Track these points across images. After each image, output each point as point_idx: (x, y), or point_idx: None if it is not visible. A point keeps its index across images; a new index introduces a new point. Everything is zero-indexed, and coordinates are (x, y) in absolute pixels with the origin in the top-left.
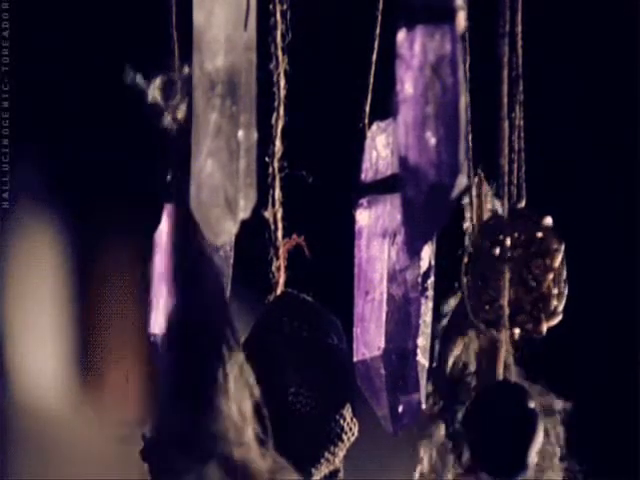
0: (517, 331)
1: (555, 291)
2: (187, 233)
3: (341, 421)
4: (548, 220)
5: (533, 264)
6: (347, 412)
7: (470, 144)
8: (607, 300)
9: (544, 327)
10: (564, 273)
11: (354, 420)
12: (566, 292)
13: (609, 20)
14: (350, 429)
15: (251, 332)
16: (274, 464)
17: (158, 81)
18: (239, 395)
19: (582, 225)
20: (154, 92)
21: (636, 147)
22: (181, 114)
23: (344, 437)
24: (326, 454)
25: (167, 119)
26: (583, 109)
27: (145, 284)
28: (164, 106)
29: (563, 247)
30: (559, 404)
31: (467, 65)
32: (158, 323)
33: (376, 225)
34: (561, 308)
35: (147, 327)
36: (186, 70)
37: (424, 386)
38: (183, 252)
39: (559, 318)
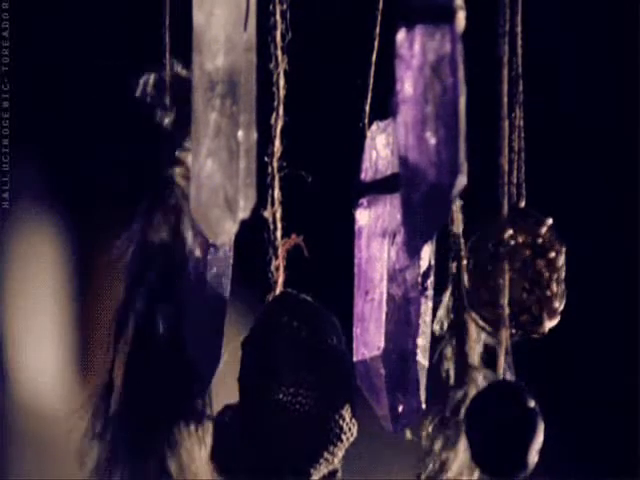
0: (519, 331)
1: (556, 291)
2: (182, 233)
3: (340, 421)
4: (549, 221)
5: (534, 264)
6: (346, 412)
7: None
8: (608, 300)
9: (546, 327)
10: (564, 273)
11: (353, 420)
12: (566, 292)
13: (609, 20)
14: (349, 429)
15: (250, 332)
16: None
17: (151, 79)
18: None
19: (582, 225)
20: (148, 90)
21: (637, 147)
22: (174, 113)
23: (343, 437)
24: (325, 454)
25: (162, 118)
26: (583, 109)
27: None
28: (158, 105)
29: (564, 247)
30: None
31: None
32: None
33: (376, 225)
34: (562, 308)
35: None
36: (179, 69)
37: (424, 386)
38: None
39: (559, 318)
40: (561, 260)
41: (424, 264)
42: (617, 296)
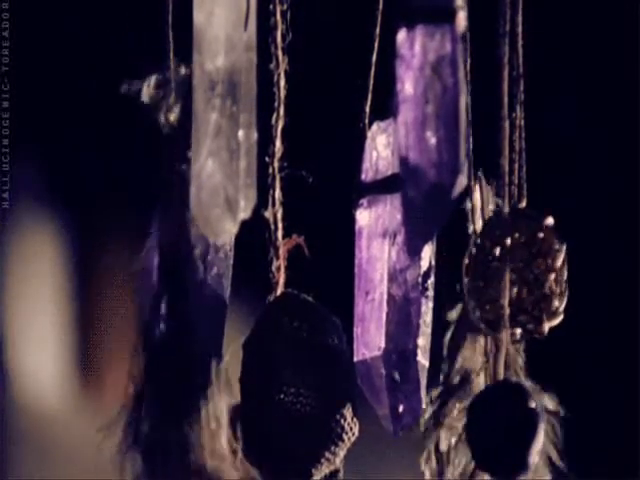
0: (518, 331)
1: (557, 291)
2: (183, 233)
3: (341, 421)
4: (550, 220)
5: (535, 264)
6: (347, 412)
7: (471, 144)
8: (608, 300)
9: (546, 327)
10: (565, 273)
11: (354, 420)
12: (567, 292)
13: (610, 19)
14: (350, 429)
15: (251, 332)
16: (245, 475)
17: (153, 81)
18: (217, 402)
19: (583, 225)
20: (149, 92)
21: (637, 146)
22: (175, 114)
23: (344, 437)
24: (326, 454)
25: (162, 119)
26: (584, 108)
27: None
28: (159, 106)
29: (564, 247)
30: (552, 404)
31: (467, 65)
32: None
33: (376, 225)
34: (562, 308)
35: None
36: (182, 70)
37: (424, 386)
38: (179, 252)
39: (560, 318)
40: (561, 260)
41: (424, 264)
42: (617, 296)
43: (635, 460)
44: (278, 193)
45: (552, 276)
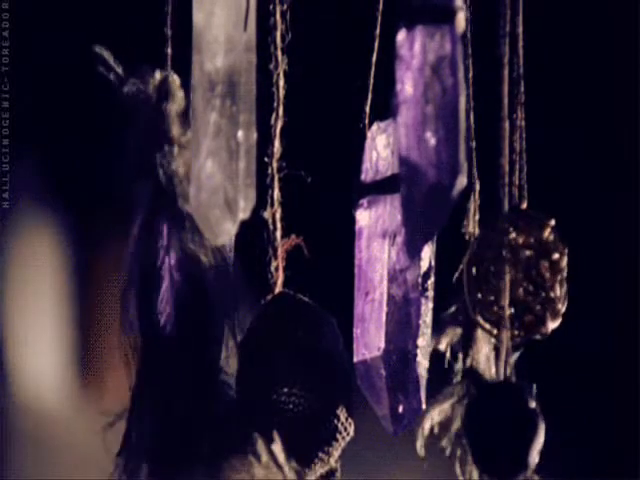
0: (521, 332)
1: (559, 292)
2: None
3: (335, 421)
4: (552, 222)
5: (538, 265)
6: (342, 412)
7: (473, 145)
8: (609, 300)
9: (549, 328)
10: (565, 274)
11: (349, 420)
12: (568, 293)
13: (610, 20)
14: (345, 429)
15: (247, 332)
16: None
17: (154, 81)
18: None
19: (584, 226)
20: (151, 92)
21: (637, 147)
22: (177, 114)
23: (338, 437)
24: (320, 454)
25: (164, 119)
26: (584, 110)
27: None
28: (160, 106)
29: (567, 249)
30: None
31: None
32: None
33: (376, 225)
34: (564, 309)
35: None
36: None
37: (424, 386)
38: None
39: (562, 319)
40: (564, 261)
41: (424, 265)
42: (618, 296)
43: (635, 460)
44: (277, 193)
45: (554, 277)
